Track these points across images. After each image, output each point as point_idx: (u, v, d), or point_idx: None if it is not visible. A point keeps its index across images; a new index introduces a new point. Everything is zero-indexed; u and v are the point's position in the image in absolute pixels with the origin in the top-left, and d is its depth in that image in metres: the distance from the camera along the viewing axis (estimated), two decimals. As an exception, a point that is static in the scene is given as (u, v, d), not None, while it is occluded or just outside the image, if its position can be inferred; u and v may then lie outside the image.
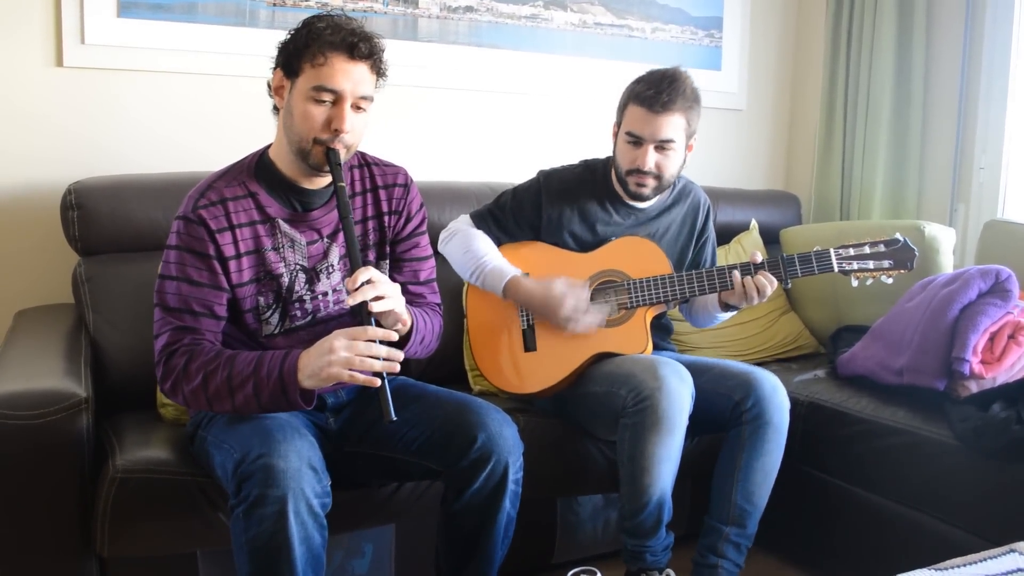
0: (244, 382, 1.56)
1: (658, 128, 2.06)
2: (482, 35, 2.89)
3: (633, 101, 2.09)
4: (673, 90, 2.04)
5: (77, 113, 2.36)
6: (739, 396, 2.02)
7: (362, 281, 1.55)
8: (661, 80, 2.05)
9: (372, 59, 1.65)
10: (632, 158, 2.10)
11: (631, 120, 2.09)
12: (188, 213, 1.67)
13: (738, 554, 2.02)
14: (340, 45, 1.61)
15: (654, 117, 2.05)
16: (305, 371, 1.54)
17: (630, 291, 2.11)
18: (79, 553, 1.74)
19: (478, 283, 2.16)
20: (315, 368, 1.53)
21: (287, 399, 1.56)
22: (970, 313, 2.19)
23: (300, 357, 1.56)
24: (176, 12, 2.43)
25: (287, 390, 1.55)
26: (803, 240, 2.99)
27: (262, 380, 1.56)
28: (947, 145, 3.08)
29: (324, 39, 1.61)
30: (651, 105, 2.05)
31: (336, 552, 2.00)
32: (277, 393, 1.56)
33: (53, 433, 1.65)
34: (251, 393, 1.56)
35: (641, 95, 2.06)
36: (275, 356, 1.58)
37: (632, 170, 2.11)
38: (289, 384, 1.55)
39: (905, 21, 3.05)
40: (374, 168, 1.85)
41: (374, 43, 1.66)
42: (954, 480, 1.99)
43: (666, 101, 2.04)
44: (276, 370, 1.56)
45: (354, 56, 1.62)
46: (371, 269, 1.58)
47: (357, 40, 1.62)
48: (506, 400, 2.21)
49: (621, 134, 2.13)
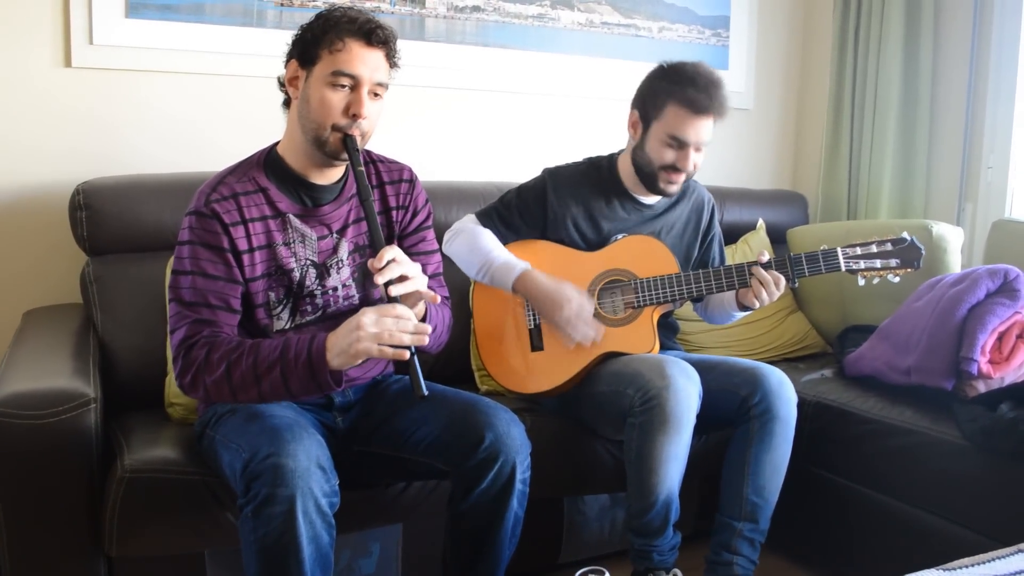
0: (271, 367, 1.57)
1: (702, 131, 2.07)
2: (489, 35, 2.89)
3: (678, 103, 2.05)
4: (720, 95, 2.05)
5: (86, 113, 2.37)
6: (746, 392, 2.02)
7: (387, 260, 1.55)
8: (708, 84, 2.03)
9: (388, 46, 1.68)
10: (670, 158, 2.09)
11: (674, 123, 2.06)
12: (201, 208, 1.67)
13: (752, 550, 2.02)
14: (358, 32, 1.64)
15: (700, 121, 2.05)
16: (333, 350, 1.54)
17: (637, 290, 2.11)
18: (88, 552, 1.74)
19: (486, 279, 2.14)
20: (344, 345, 1.53)
21: (316, 381, 1.56)
22: (978, 313, 2.18)
23: (328, 337, 1.56)
24: (184, 13, 2.44)
25: (316, 372, 1.55)
26: (810, 240, 2.99)
27: (290, 363, 1.56)
28: (955, 144, 3.07)
29: (342, 26, 1.63)
30: (700, 110, 2.03)
31: (343, 551, 2.00)
32: (306, 376, 1.56)
33: (62, 432, 1.65)
34: (279, 378, 1.56)
35: (689, 99, 2.03)
36: (301, 339, 1.58)
37: (667, 167, 2.10)
38: (318, 365, 1.55)
39: (913, 20, 3.04)
40: (380, 165, 1.86)
41: (389, 32, 1.68)
42: (962, 480, 1.99)
43: (716, 107, 2.04)
44: (304, 352, 1.56)
45: (372, 42, 1.65)
46: (395, 248, 1.58)
47: (374, 27, 1.65)
48: (513, 400, 2.21)
49: (658, 133, 2.09)
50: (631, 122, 2.16)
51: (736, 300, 2.15)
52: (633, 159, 2.17)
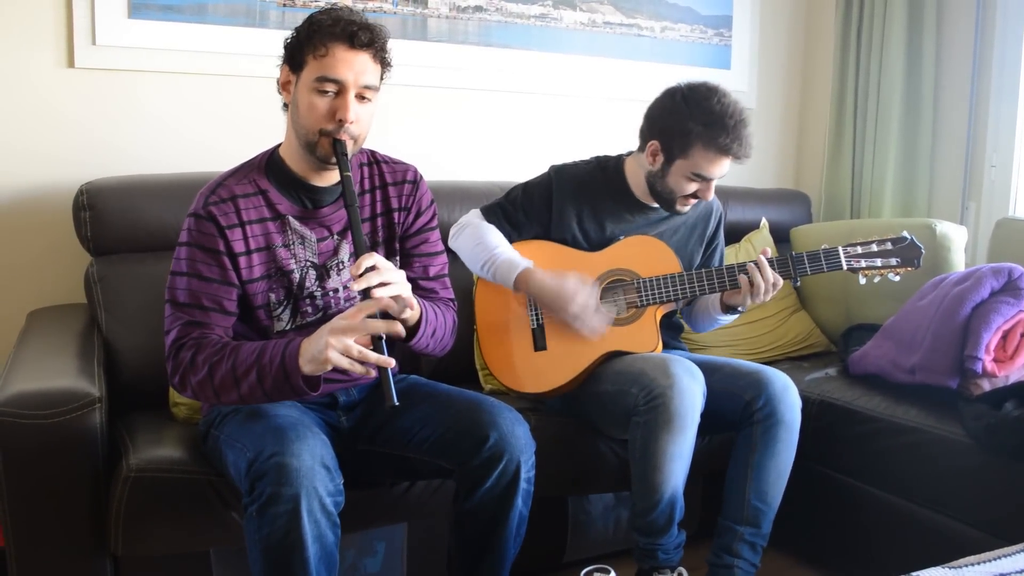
0: (248, 371, 1.57)
1: (726, 168, 2.08)
2: (491, 35, 2.90)
3: (706, 146, 2.02)
4: (749, 136, 2.04)
5: (89, 114, 2.37)
6: (750, 395, 2.01)
7: (366, 267, 1.54)
8: (737, 125, 2.01)
9: (373, 48, 1.66)
10: (691, 190, 2.09)
11: (702, 164, 2.04)
12: (199, 210, 1.68)
13: (753, 554, 2.02)
14: (340, 35, 1.62)
15: (726, 161, 2.05)
16: (305, 356, 1.54)
17: (640, 290, 2.11)
18: (93, 551, 1.75)
19: (489, 275, 2.14)
20: (314, 352, 1.52)
21: (290, 385, 1.56)
22: (982, 311, 2.18)
23: (302, 343, 1.56)
24: (186, 13, 2.44)
25: (289, 376, 1.55)
26: (813, 239, 2.98)
27: (264, 367, 1.56)
28: (958, 143, 3.07)
29: (325, 30, 1.62)
30: (728, 153, 2.03)
31: (348, 551, 2.01)
32: (280, 380, 1.56)
33: (67, 432, 1.66)
34: (255, 381, 1.57)
35: (718, 144, 2.01)
36: (277, 344, 1.58)
37: (688, 196, 2.11)
38: (291, 370, 1.55)
39: (915, 18, 3.04)
40: (383, 166, 1.86)
41: (375, 32, 1.66)
42: (967, 478, 1.99)
43: (746, 150, 2.04)
44: (278, 357, 1.56)
45: (354, 45, 1.63)
46: (375, 256, 1.57)
47: (356, 29, 1.63)
48: (517, 399, 2.21)
49: (682, 170, 2.06)
50: (650, 151, 2.11)
51: (721, 302, 2.14)
52: (649, 181, 2.15)
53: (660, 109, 2.11)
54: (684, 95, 2.07)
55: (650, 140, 2.11)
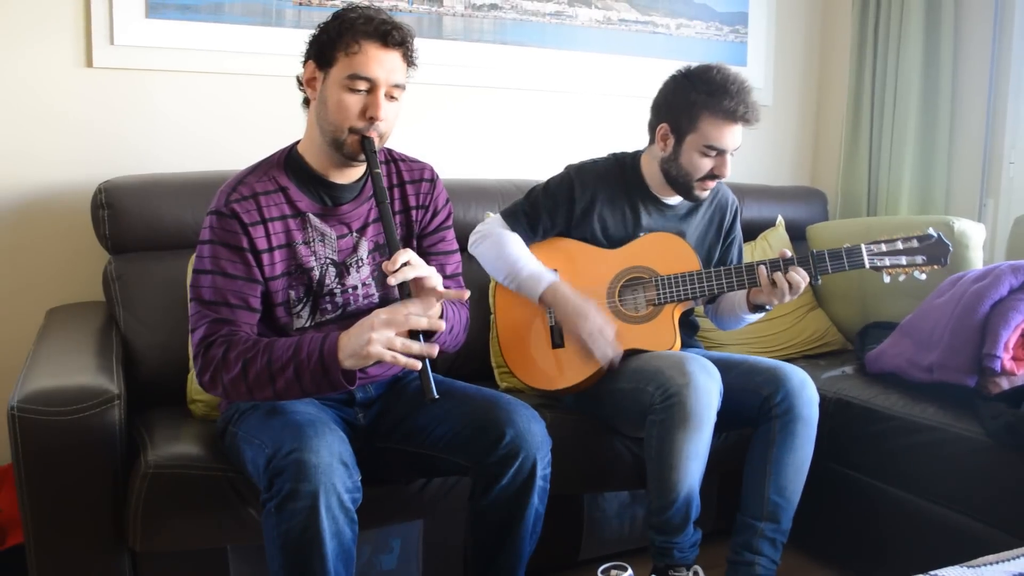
0: (285, 366, 1.57)
1: (737, 137, 2.07)
2: (506, 32, 2.90)
3: (713, 113, 2.03)
4: (753, 100, 2.04)
5: (107, 113, 2.39)
6: (768, 391, 2.01)
7: (401, 263, 1.55)
8: (740, 90, 2.03)
9: (404, 47, 1.67)
10: (708, 167, 2.08)
11: (712, 133, 2.04)
12: (221, 208, 1.68)
13: (774, 550, 2.01)
14: (374, 33, 1.63)
15: (735, 128, 2.05)
16: (346, 350, 1.55)
17: (658, 288, 2.10)
18: (112, 547, 1.76)
19: (512, 287, 2.14)
20: (356, 347, 1.53)
21: (329, 380, 1.57)
22: (1001, 309, 2.16)
23: (340, 337, 1.56)
24: (203, 12, 2.45)
25: (328, 371, 1.56)
26: (830, 236, 2.97)
27: (302, 363, 1.57)
28: (976, 140, 3.05)
29: (358, 28, 1.63)
30: (735, 118, 2.03)
31: (364, 547, 2.01)
32: (319, 374, 1.56)
33: (86, 429, 1.67)
34: (292, 377, 1.57)
35: (725, 109, 2.02)
36: (314, 338, 1.59)
37: (705, 177, 2.10)
38: (330, 365, 1.55)
39: (933, 14, 3.02)
40: (400, 164, 1.86)
41: (405, 31, 1.68)
42: (986, 477, 1.98)
43: (752, 113, 2.04)
44: (316, 352, 1.56)
45: (388, 44, 1.64)
46: (409, 251, 1.58)
47: (390, 28, 1.64)
48: (533, 396, 2.21)
49: (694, 145, 2.07)
50: (660, 135, 2.12)
51: (748, 301, 2.14)
52: (664, 169, 2.15)
53: (662, 93, 2.15)
54: (684, 74, 2.11)
55: (658, 126, 2.13)
